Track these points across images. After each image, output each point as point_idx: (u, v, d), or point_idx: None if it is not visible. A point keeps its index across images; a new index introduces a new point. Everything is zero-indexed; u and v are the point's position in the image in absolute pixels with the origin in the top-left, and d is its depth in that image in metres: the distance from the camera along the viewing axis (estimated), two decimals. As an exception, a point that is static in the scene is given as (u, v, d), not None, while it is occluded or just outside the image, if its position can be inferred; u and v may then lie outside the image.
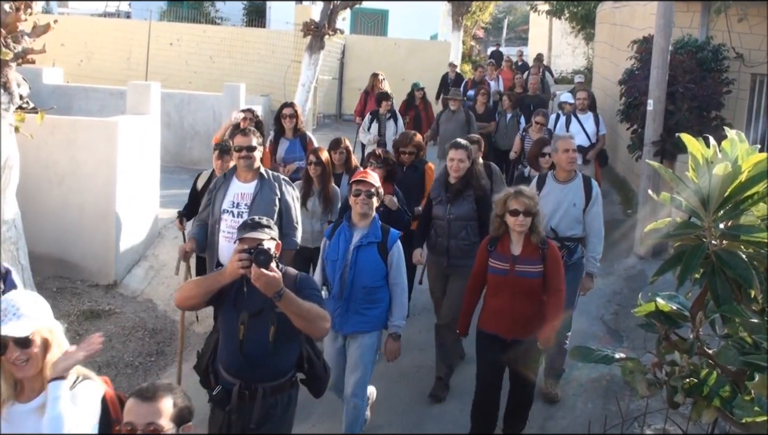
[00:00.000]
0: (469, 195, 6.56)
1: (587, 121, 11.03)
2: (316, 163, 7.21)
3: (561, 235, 6.49)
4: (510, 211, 5.39)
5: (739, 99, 11.36)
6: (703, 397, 2.93)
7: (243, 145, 6.18)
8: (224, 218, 6.23)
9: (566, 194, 6.56)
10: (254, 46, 19.36)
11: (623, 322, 8.32)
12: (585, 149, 10.51)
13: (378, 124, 11.52)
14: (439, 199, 6.67)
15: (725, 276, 2.73)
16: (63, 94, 13.04)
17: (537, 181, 6.78)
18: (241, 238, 4.07)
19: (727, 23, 11.19)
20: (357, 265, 5.43)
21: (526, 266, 5.43)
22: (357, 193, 5.47)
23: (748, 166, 2.65)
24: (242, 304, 4.14)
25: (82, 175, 8.28)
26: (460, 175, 6.55)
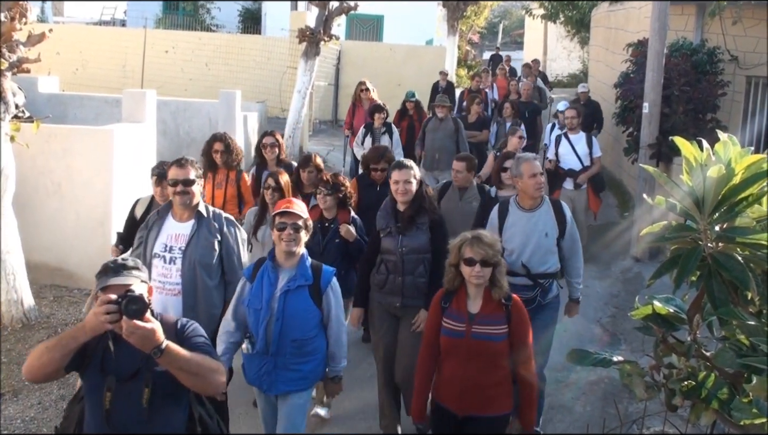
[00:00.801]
0: (422, 223, 5.69)
1: (579, 141, 10.01)
2: (274, 188, 6.46)
3: (534, 272, 5.70)
4: (465, 259, 4.51)
5: (734, 101, 11.40)
6: (701, 400, 2.93)
7: (178, 179, 5.21)
8: (155, 264, 5.23)
9: (535, 223, 5.72)
10: (250, 53, 19.41)
11: (621, 324, 8.32)
12: (576, 173, 9.83)
13: (372, 138, 10.91)
14: (387, 230, 5.75)
15: (721, 278, 2.73)
16: (58, 103, 13.03)
17: (498, 210, 5.91)
18: (103, 286, 3.34)
19: (721, 26, 11.23)
20: (285, 313, 4.59)
21: (487, 327, 4.51)
22: (281, 226, 4.63)
23: (741, 168, 2.65)
24: (111, 366, 3.38)
25: (78, 184, 8.27)
26: (408, 199, 5.67)
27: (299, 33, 14.47)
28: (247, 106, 14.01)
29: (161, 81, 18.19)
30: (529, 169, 5.66)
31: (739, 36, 11.35)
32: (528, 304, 5.35)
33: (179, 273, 5.13)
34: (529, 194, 5.75)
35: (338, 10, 14.49)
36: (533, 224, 5.71)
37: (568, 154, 9.95)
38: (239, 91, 12.83)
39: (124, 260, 3.52)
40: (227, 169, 7.81)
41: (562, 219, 5.75)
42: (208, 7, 26.79)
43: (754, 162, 2.67)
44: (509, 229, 5.76)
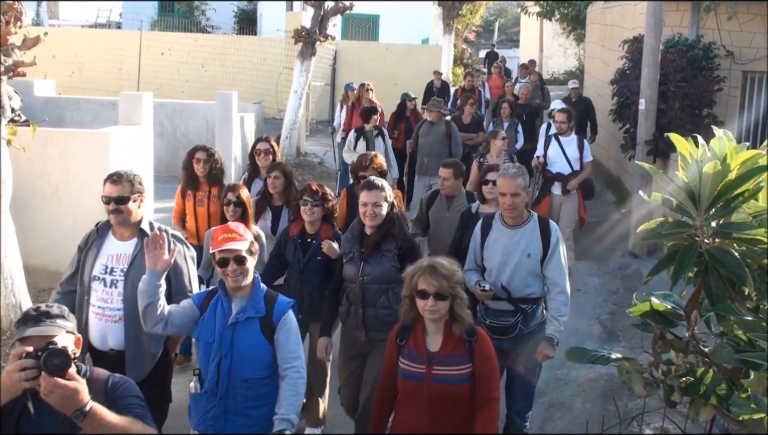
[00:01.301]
0: (389, 250, 5.08)
1: (569, 144, 9.50)
2: (235, 203, 6.03)
3: (515, 296, 5.18)
4: (418, 291, 3.95)
5: (730, 96, 11.40)
6: (699, 396, 2.93)
7: (111, 196, 4.67)
8: (94, 288, 4.74)
9: (517, 242, 5.20)
10: (246, 54, 19.42)
11: (620, 321, 8.33)
12: (565, 177, 9.37)
13: (366, 142, 10.51)
14: (350, 255, 5.17)
15: (718, 274, 2.73)
16: (55, 106, 13.02)
17: (481, 226, 5.42)
18: (21, 337, 2.96)
19: (717, 21, 11.23)
20: (234, 349, 4.08)
21: (448, 368, 3.97)
22: (222, 262, 4.08)
23: (737, 164, 2.65)
24: (29, 429, 2.99)
25: (75, 187, 8.26)
26: (376, 223, 5.08)
27: (295, 33, 14.49)
28: (244, 108, 14.00)
29: (157, 83, 18.19)
30: (502, 186, 5.17)
31: (735, 31, 11.36)
32: (508, 332, 5.18)
33: (121, 297, 4.66)
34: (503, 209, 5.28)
35: (334, 10, 14.50)
36: (515, 243, 5.20)
37: (557, 157, 9.48)
38: (236, 92, 12.82)
39: (48, 307, 3.11)
40: (209, 185, 7.29)
41: (547, 238, 5.18)
42: (203, 9, 26.79)
43: (749, 157, 2.67)
44: (490, 246, 5.30)
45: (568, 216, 9.39)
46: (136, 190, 4.73)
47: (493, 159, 9.07)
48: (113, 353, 4.67)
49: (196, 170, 7.27)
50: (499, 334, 5.16)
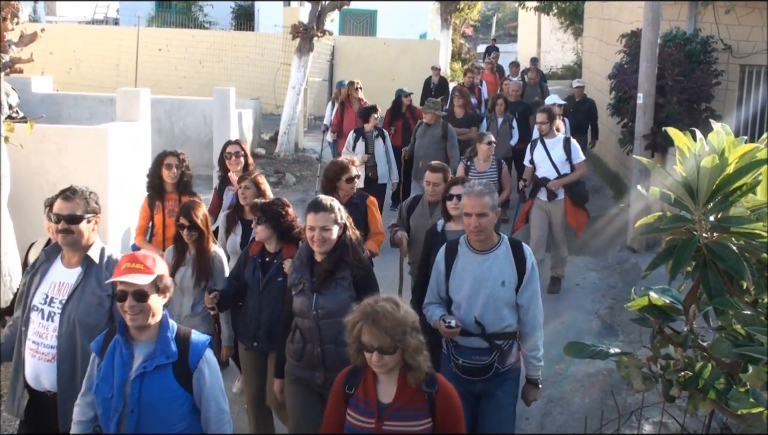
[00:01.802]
0: (343, 278, 4.49)
1: (555, 146, 8.88)
2: (189, 227, 5.45)
3: (490, 331, 4.54)
4: (361, 343, 3.44)
5: (728, 90, 11.39)
6: (698, 390, 2.94)
7: (62, 214, 4.12)
8: (32, 319, 4.15)
9: (489, 269, 4.58)
10: (243, 50, 19.40)
11: (618, 316, 8.33)
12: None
13: (365, 143, 10.21)
14: (300, 286, 4.53)
15: (717, 268, 2.73)
16: (52, 103, 13.00)
17: (445, 251, 4.79)
18: None
19: (714, 15, 11.22)
20: (142, 404, 3.47)
21: (403, 423, 3.46)
22: (121, 296, 3.48)
23: (735, 158, 2.65)
24: None
25: (74, 183, 8.22)
26: (326, 249, 4.45)
27: (292, 29, 14.48)
28: (242, 103, 14.00)
29: (155, 79, 18.17)
30: (467, 205, 4.54)
31: (732, 25, 11.34)
32: (482, 372, 4.58)
33: (56, 333, 4.07)
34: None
35: (331, 5, 14.49)
36: (486, 270, 4.57)
37: (542, 160, 8.89)
38: (233, 88, 12.81)
39: None
40: (179, 194, 6.70)
41: (521, 264, 4.59)
42: (200, 5, 26.75)
43: (747, 151, 2.67)
44: (457, 275, 4.65)
45: (556, 224, 8.90)
46: (91, 209, 4.21)
47: (480, 163, 8.93)
48: (50, 395, 4.12)
49: (165, 177, 6.71)
50: (471, 375, 4.58)
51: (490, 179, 8.34)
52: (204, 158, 13.02)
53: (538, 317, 4.64)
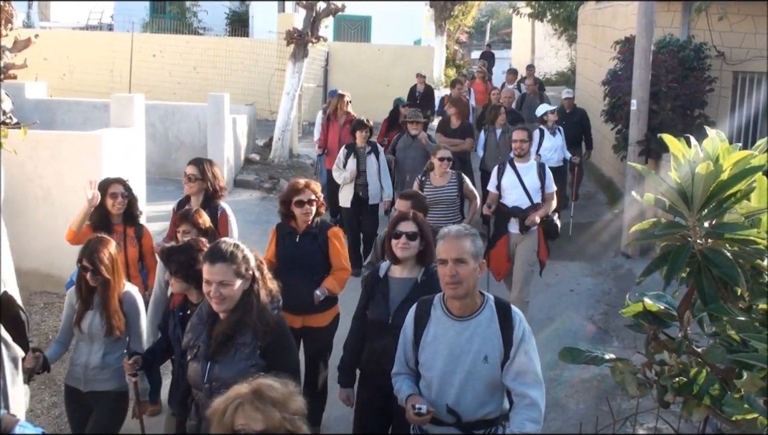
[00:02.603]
0: (245, 344, 3.63)
1: (528, 171, 7.96)
2: (92, 271, 4.76)
3: (467, 420, 3.71)
4: (234, 431, 2.75)
5: (721, 97, 11.44)
6: (693, 396, 2.94)
7: None
8: None
9: (468, 340, 3.67)
10: (238, 56, 19.40)
11: (613, 321, 8.34)
12: (523, 212, 7.84)
13: (356, 159, 9.55)
14: (195, 350, 3.75)
15: (711, 274, 2.74)
16: (46, 109, 12.97)
17: (415, 315, 3.86)
18: None
19: (708, 22, 11.27)
20: None
21: None
22: None
23: (729, 164, 2.66)
24: None
25: (68, 189, 8.23)
26: (227, 307, 3.63)
27: (287, 35, 14.48)
28: (236, 109, 13.99)
29: (149, 85, 18.14)
30: (440, 252, 3.68)
31: (726, 32, 11.40)
32: None
33: None
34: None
35: (325, 11, 14.50)
36: (465, 341, 3.67)
37: (513, 187, 7.91)
38: (228, 94, 12.81)
39: None
40: (124, 224, 6.07)
41: (508, 332, 3.68)
42: (194, 11, 26.76)
43: (741, 158, 2.68)
44: (429, 345, 3.75)
45: (523, 257, 7.84)
46: None
47: (436, 178, 8.00)
48: None
49: (110, 208, 6.03)
50: None
51: (448, 195, 7.92)
52: None
53: (532, 395, 3.63)
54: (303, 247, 5.66)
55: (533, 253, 7.85)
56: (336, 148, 10.78)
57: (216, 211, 6.20)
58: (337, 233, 5.84)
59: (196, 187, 6.24)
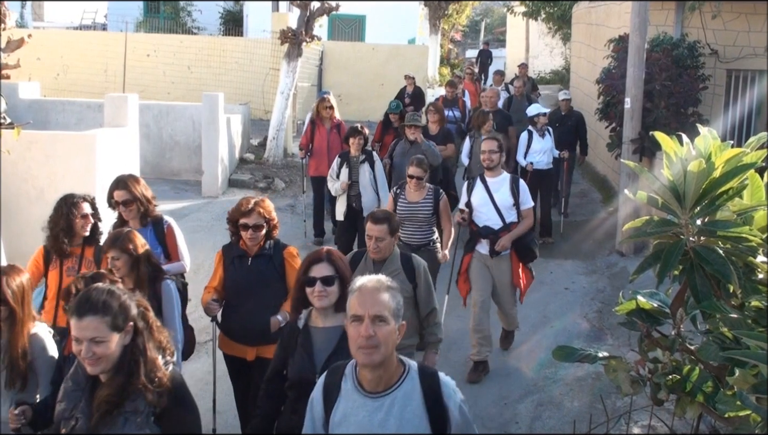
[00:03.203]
0: (135, 410, 3.01)
1: (499, 187, 7.08)
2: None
3: None
4: None
5: (715, 95, 11.47)
6: (686, 393, 2.95)
7: None
8: None
9: (382, 423, 2.92)
10: (232, 55, 19.37)
11: (607, 319, 8.35)
12: (494, 232, 7.00)
13: (349, 169, 8.97)
14: (72, 423, 3.07)
15: (704, 272, 2.75)
16: (40, 109, 12.95)
17: (323, 388, 3.11)
18: None
19: (701, 20, 11.29)
20: None
21: None
22: None
23: (721, 162, 2.67)
24: None
25: (61, 189, 8.15)
26: (102, 368, 3.01)
27: (281, 34, 14.46)
28: (231, 109, 13.98)
29: (143, 85, 18.11)
30: (351, 306, 2.98)
31: (719, 30, 11.42)
32: None
33: None
34: None
35: (320, 10, 14.48)
36: (379, 425, 2.91)
37: (483, 205, 7.08)
38: (222, 93, 12.79)
39: None
40: (84, 245, 5.45)
41: (439, 413, 2.94)
42: (189, 10, 26.71)
43: (733, 155, 2.68)
44: (337, 427, 2.99)
45: (500, 286, 7.15)
46: None
47: (411, 193, 7.15)
48: None
49: (78, 229, 5.38)
50: None
51: (422, 212, 7.08)
52: (193, 164, 12.99)
53: None
54: (256, 270, 5.16)
55: (509, 280, 7.13)
56: (324, 153, 10.45)
57: (162, 227, 5.79)
58: (292, 253, 5.30)
59: (134, 211, 5.68)
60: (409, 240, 6.99)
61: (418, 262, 5.21)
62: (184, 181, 13.03)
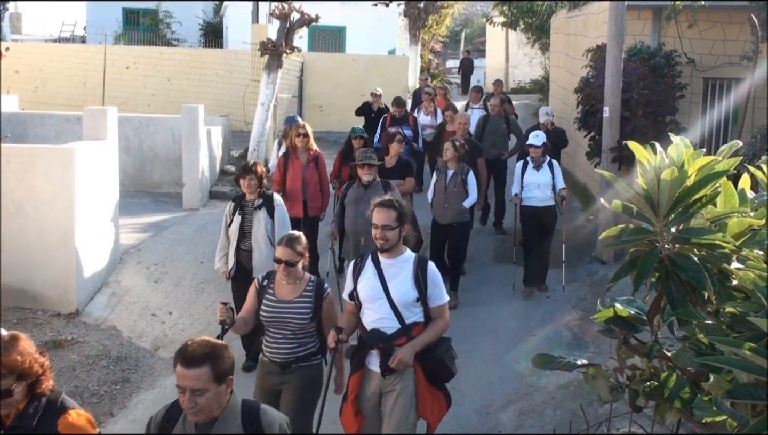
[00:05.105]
0: None
1: (399, 272, 4.84)
2: None
3: None
4: None
5: (692, 103, 11.60)
6: (664, 400, 2.97)
7: None
8: None
9: None
10: (212, 67, 19.37)
11: (589, 327, 8.38)
12: (387, 341, 4.77)
13: (242, 216, 7.37)
14: None
15: (679, 279, 2.77)
16: (18, 122, 12.88)
17: None
18: None
19: (677, 29, 11.42)
20: None
21: None
22: None
23: (694, 170, 2.70)
24: None
25: (40, 203, 8.17)
26: None
27: (261, 46, 14.48)
28: (211, 120, 13.96)
29: (123, 97, 18.07)
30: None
31: (695, 39, 11.56)
32: None
33: None
34: None
35: (299, 22, 14.51)
36: None
37: (373, 299, 4.84)
38: (202, 105, 12.78)
39: None
40: None
41: None
42: (168, 22, 26.68)
43: (706, 163, 2.71)
44: None
45: (392, 420, 4.78)
46: None
47: (280, 287, 5.20)
48: None
49: None
50: None
51: (298, 317, 5.17)
52: (173, 176, 12.96)
53: None
54: None
55: (408, 411, 4.79)
56: (298, 192, 8.87)
57: None
58: None
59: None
60: (276, 354, 5.10)
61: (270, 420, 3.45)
62: (164, 193, 12.99)
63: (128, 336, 8.17)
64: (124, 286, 9.01)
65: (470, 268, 10.28)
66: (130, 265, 9.42)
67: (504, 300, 9.42)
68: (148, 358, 7.80)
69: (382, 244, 4.73)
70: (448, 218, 8.93)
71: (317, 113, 20.28)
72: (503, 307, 9.19)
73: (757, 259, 2.74)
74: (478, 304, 9.22)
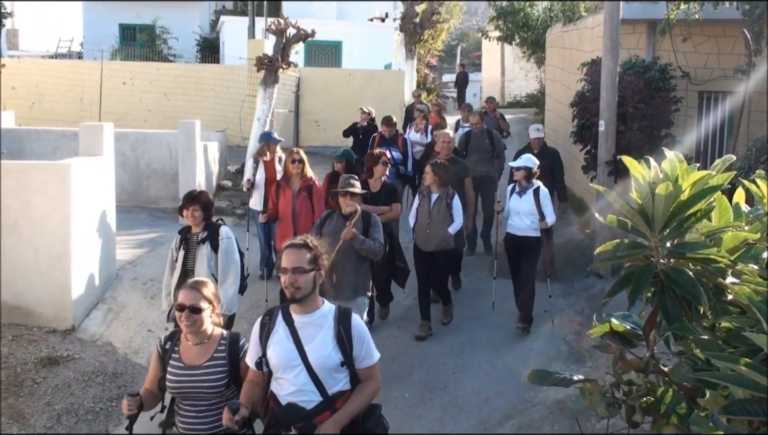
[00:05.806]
0: None
1: (317, 332, 4.06)
2: None
3: None
4: None
5: (687, 117, 11.63)
6: (661, 415, 2.95)
7: None
8: None
9: None
10: (208, 82, 19.43)
11: (586, 342, 8.37)
12: (305, 418, 4.08)
13: (185, 250, 6.85)
14: None
15: (674, 294, 2.76)
16: (15, 138, 12.88)
17: None
18: None
19: (672, 43, 11.46)
20: None
21: None
22: None
23: (688, 185, 2.70)
24: None
25: (36, 219, 8.16)
26: None
27: (257, 61, 14.53)
28: (208, 136, 13.98)
29: (120, 113, 18.10)
30: None
31: (690, 52, 11.60)
32: None
33: None
34: None
35: (296, 37, 14.57)
36: None
37: (288, 367, 4.00)
38: (199, 121, 12.80)
39: None
40: None
41: None
42: (164, 38, 26.75)
43: (700, 178, 2.71)
44: None
45: None
46: None
47: (186, 349, 4.38)
48: None
49: None
50: None
51: (209, 384, 4.34)
52: (170, 191, 12.96)
53: None
54: None
55: None
56: (289, 222, 8.54)
57: None
58: None
59: None
60: (192, 431, 4.31)
61: None
62: (161, 208, 12.99)
63: (124, 352, 8.14)
64: (120, 302, 8.99)
65: (466, 281, 10.26)
66: (126, 281, 9.40)
67: (500, 314, 9.40)
68: (144, 375, 7.76)
69: (293, 292, 3.90)
70: (432, 245, 8.42)
71: (314, 128, 20.32)
72: (500, 321, 9.16)
73: (752, 273, 2.73)
74: (474, 319, 9.20)
